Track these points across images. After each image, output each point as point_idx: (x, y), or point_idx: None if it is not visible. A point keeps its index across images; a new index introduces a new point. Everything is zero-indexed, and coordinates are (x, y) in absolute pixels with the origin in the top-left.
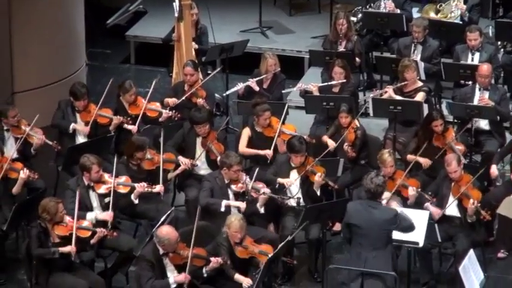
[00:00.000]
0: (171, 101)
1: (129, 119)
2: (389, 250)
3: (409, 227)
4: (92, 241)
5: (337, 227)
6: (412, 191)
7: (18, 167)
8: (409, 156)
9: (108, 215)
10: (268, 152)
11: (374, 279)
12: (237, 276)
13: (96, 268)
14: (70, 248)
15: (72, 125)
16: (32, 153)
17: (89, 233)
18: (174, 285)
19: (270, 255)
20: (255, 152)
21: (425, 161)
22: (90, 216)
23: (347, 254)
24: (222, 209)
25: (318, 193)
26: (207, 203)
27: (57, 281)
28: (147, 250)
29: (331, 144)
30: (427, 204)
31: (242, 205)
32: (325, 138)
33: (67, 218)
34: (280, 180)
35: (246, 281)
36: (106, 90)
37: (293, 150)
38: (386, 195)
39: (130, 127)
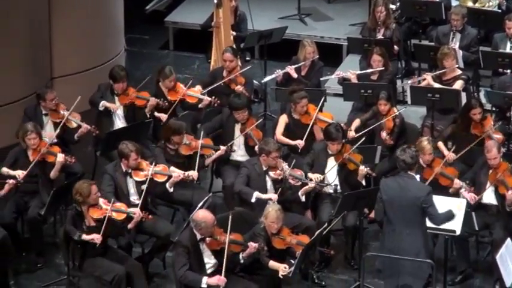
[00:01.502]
0: (197, 89)
1: (165, 101)
2: (424, 232)
3: (437, 216)
4: (129, 226)
5: (374, 214)
6: (457, 184)
7: (56, 150)
8: (439, 143)
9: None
10: (300, 142)
11: (407, 264)
12: (272, 263)
13: (133, 253)
14: (94, 236)
15: (103, 102)
16: (75, 140)
17: (124, 216)
18: (205, 286)
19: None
20: (288, 141)
21: (449, 156)
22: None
23: (381, 235)
24: (253, 200)
25: (364, 183)
26: (240, 191)
27: (94, 265)
28: (184, 236)
29: (351, 134)
30: (462, 190)
31: (274, 197)
32: (355, 122)
33: (101, 201)
34: (310, 175)
35: (281, 267)
36: (148, 77)
37: (330, 137)
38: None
39: (159, 115)
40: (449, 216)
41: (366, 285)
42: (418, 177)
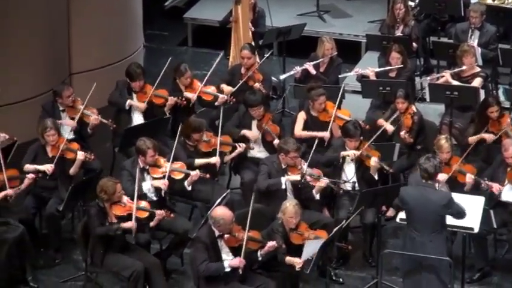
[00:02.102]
0: (227, 90)
1: (183, 99)
2: (444, 234)
3: (461, 213)
4: (152, 224)
5: (391, 212)
6: (469, 178)
7: (75, 147)
8: (471, 138)
9: (163, 183)
10: (326, 134)
11: (429, 266)
12: (288, 259)
13: (151, 250)
14: (131, 224)
15: (129, 101)
16: (89, 133)
17: (147, 214)
18: (229, 269)
19: (324, 239)
20: (312, 134)
21: (489, 137)
22: (146, 185)
23: (402, 239)
24: (283, 186)
25: (376, 177)
26: (268, 185)
27: (112, 261)
28: (203, 232)
29: (390, 128)
30: (483, 185)
31: (297, 177)
32: (382, 121)
33: (125, 198)
34: (343, 152)
35: (297, 262)
36: (163, 71)
37: (348, 134)
38: (442, 177)
39: (189, 95)
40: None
41: (384, 283)
42: (437, 185)
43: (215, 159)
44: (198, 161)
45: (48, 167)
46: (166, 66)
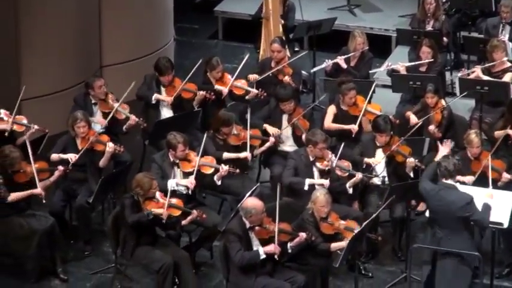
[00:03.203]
0: (252, 77)
1: (212, 93)
2: (467, 232)
3: (480, 221)
4: (183, 222)
5: (421, 206)
6: (505, 177)
7: (104, 139)
8: (497, 133)
9: (189, 182)
10: (354, 127)
11: (451, 260)
12: (334, 245)
13: (181, 243)
14: (162, 211)
15: (155, 95)
16: (124, 131)
17: (180, 212)
18: (264, 256)
19: (355, 231)
20: (340, 126)
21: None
22: (171, 183)
23: (426, 233)
24: (306, 188)
25: (412, 175)
26: (291, 182)
27: (142, 254)
28: (234, 224)
29: (414, 120)
30: None
31: (326, 182)
32: (409, 113)
33: (158, 194)
34: (366, 160)
35: (341, 245)
36: (195, 68)
37: (378, 129)
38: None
39: (220, 88)
40: (488, 209)
41: (413, 277)
42: (457, 185)
43: (245, 154)
44: (228, 155)
45: (71, 156)
46: (198, 65)
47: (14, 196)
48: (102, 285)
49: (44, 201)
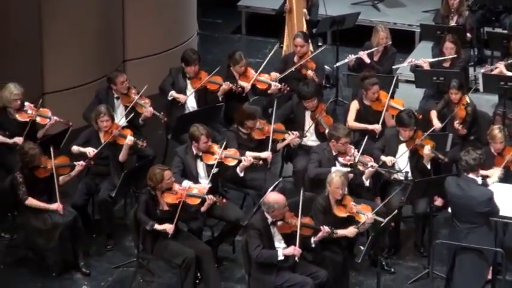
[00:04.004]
0: (273, 76)
1: (238, 86)
2: (486, 227)
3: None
4: (202, 208)
5: (439, 202)
6: None
7: (127, 133)
8: None
9: (202, 187)
10: (377, 127)
11: (469, 254)
12: (341, 232)
13: (203, 237)
14: (166, 227)
15: (171, 93)
16: (140, 124)
17: (199, 201)
18: (282, 258)
19: (366, 215)
20: (363, 126)
21: None
22: (185, 184)
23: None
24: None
25: (428, 166)
26: (317, 173)
27: (165, 248)
28: (256, 219)
29: (436, 124)
30: None
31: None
32: (433, 114)
33: (177, 186)
34: (383, 158)
35: (351, 231)
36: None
37: (402, 124)
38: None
39: (243, 84)
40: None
41: (435, 273)
42: (479, 180)
43: (266, 154)
44: (249, 154)
45: (89, 150)
46: (223, 57)
47: (31, 202)
48: (124, 279)
49: (62, 213)
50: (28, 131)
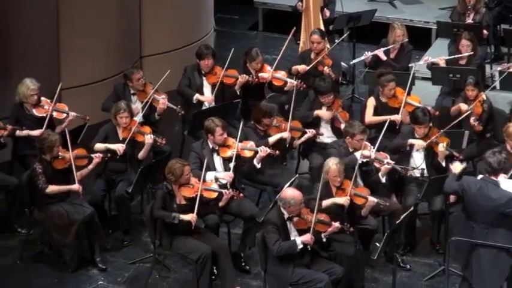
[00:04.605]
0: (301, 68)
1: (255, 78)
2: (505, 227)
3: None
4: (220, 204)
5: (452, 198)
6: None
7: (146, 130)
8: None
9: (227, 175)
10: (397, 117)
11: (488, 252)
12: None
13: (220, 233)
14: (191, 217)
15: (196, 96)
16: (156, 119)
17: (215, 195)
18: (301, 246)
19: (367, 197)
20: (383, 118)
21: None
22: (210, 176)
23: (460, 225)
24: (359, 161)
25: (443, 164)
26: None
27: (180, 244)
28: (272, 214)
29: (464, 107)
30: None
31: (371, 154)
32: (461, 105)
33: (193, 180)
34: (411, 140)
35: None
36: (231, 54)
37: (416, 121)
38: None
39: (265, 75)
40: None
41: (451, 270)
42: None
43: (287, 134)
44: (271, 139)
45: (119, 147)
46: (240, 53)
47: (51, 188)
48: (140, 275)
49: (81, 196)
50: (46, 126)
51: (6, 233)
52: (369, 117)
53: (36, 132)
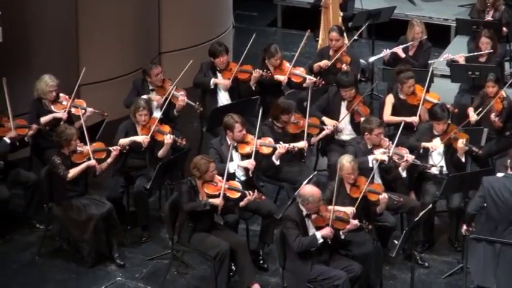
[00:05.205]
0: (323, 63)
1: (269, 72)
2: None
3: None
4: (241, 204)
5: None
6: None
7: (166, 130)
8: None
9: (250, 162)
10: (415, 119)
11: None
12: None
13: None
14: (219, 201)
15: (213, 80)
16: (175, 115)
17: (238, 195)
18: (321, 240)
19: (380, 193)
20: (400, 119)
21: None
22: (233, 166)
23: (479, 225)
24: (370, 165)
25: (463, 159)
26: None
27: (199, 240)
28: (291, 211)
29: (472, 116)
30: None
31: (384, 157)
32: (470, 109)
33: (217, 178)
34: (424, 144)
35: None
36: (247, 48)
37: (435, 117)
38: None
39: (280, 78)
40: None
41: (469, 267)
42: None
43: (303, 144)
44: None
45: (144, 138)
46: (259, 50)
47: (72, 173)
48: (158, 271)
49: (97, 174)
50: (65, 122)
51: (24, 228)
52: (387, 116)
53: (59, 114)
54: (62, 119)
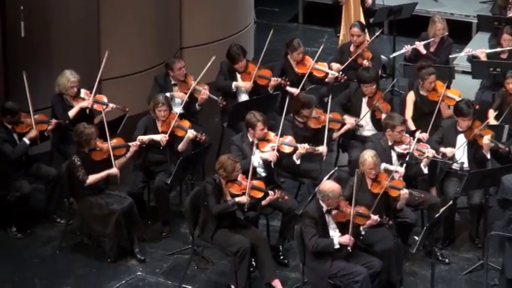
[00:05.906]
0: (335, 67)
1: (286, 79)
2: None
3: None
4: (263, 202)
5: None
6: None
7: (186, 125)
8: None
9: (271, 155)
10: (424, 136)
11: None
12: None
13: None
14: (245, 198)
15: (234, 83)
16: (197, 109)
17: (262, 194)
18: (338, 246)
19: (401, 189)
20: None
21: None
22: (256, 158)
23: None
24: (394, 160)
25: (488, 156)
26: None
27: (221, 236)
28: (311, 207)
29: (491, 118)
30: None
31: (400, 170)
32: (491, 113)
33: (241, 177)
34: (443, 149)
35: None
36: (266, 45)
37: (461, 113)
38: None
39: (291, 90)
40: None
41: (490, 264)
42: None
43: (322, 148)
44: (304, 145)
45: (162, 137)
46: (280, 46)
47: (92, 179)
48: (178, 266)
49: (118, 182)
50: (85, 117)
51: (45, 223)
52: (408, 116)
53: (85, 103)
54: (88, 107)
